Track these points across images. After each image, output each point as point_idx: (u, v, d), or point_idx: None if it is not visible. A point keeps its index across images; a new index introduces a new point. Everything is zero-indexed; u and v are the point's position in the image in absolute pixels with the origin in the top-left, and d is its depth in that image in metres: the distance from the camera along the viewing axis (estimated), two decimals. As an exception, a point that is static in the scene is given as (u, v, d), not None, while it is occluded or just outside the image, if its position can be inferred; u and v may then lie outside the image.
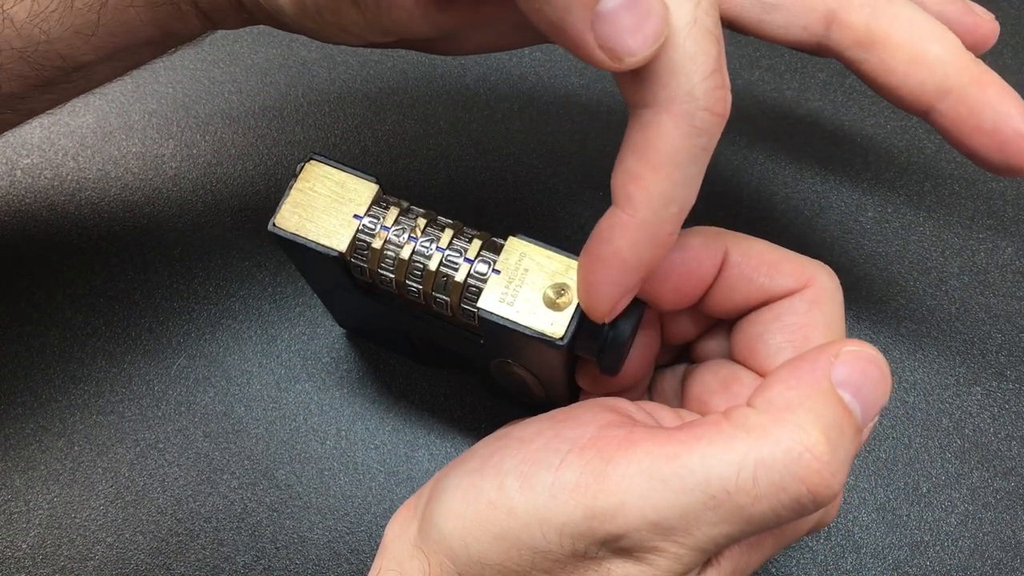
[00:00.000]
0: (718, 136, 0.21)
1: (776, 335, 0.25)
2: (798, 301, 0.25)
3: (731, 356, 0.27)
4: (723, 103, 0.20)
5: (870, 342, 0.23)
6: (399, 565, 0.24)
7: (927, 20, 0.26)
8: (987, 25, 0.28)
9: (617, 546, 0.21)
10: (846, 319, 0.26)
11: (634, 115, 0.21)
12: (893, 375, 0.33)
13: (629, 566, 0.21)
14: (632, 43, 0.19)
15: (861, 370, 0.22)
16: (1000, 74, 0.26)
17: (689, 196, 0.21)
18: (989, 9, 0.28)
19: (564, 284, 0.24)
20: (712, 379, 0.26)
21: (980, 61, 0.26)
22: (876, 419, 0.22)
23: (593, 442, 0.22)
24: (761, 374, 0.26)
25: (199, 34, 0.27)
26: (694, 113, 0.20)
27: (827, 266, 0.26)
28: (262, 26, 0.28)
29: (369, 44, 0.26)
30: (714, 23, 0.20)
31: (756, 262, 0.25)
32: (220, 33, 0.29)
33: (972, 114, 0.25)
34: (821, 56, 0.27)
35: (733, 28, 0.27)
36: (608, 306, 0.23)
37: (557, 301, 0.24)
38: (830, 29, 0.26)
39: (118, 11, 0.25)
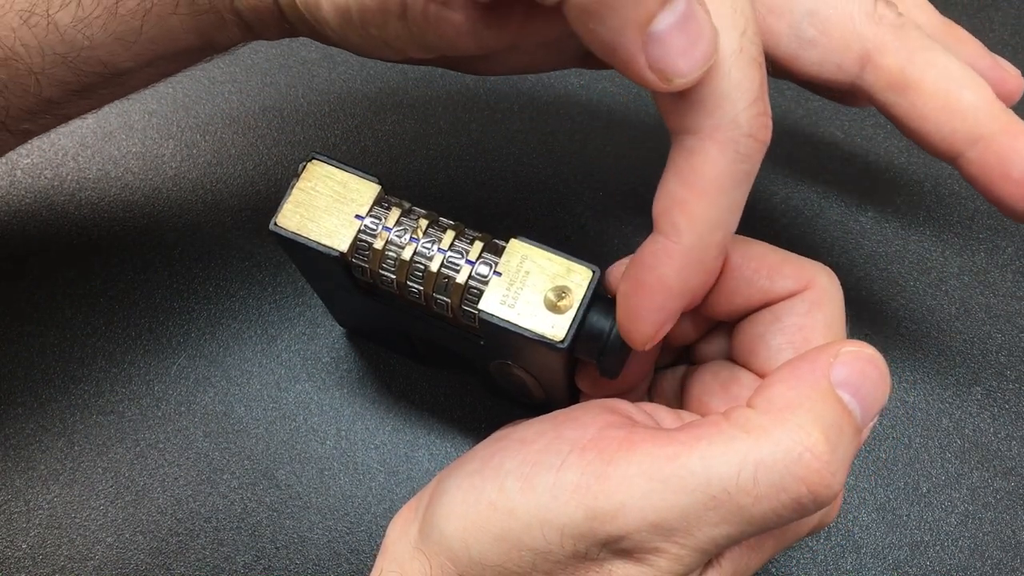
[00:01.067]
0: (760, 161, 0.21)
1: (776, 337, 0.25)
2: (798, 303, 0.25)
3: (731, 358, 0.27)
4: (766, 129, 0.21)
5: (870, 342, 0.23)
6: (400, 566, 0.24)
7: (960, 67, 0.26)
8: (1014, 81, 0.28)
9: (618, 547, 0.21)
10: (846, 319, 0.26)
11: (677, 141, 0.21)
12: (893, 375, 0.33)
13: (630, 567, 0.21)
14: (683, 64, 0.19)
15: (860, 370, 0.22)
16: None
17: (733, 221, 0.22)
18: (989, 8, 0.28)
19: (565, 287, 0.24)
20: (712, 380, 0.26)
21: (1011, 111, 0.26)
22: (876, 419, 0.22)
23: (594, 443, 0.22)
24: (761, 375, 0.26)
25: (237, 43, 0.27)
26: (739, 140, 0.20)
27: (827, 267, 0.26)
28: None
29: (407, 60, 0.25)
30: (758, 51, 0.21)
31: (757, 264, 0.25)
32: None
33: (1000, 162, 0.25)
34: (850, 102, 0.27)
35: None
36: (652, 332, 0.23)
37: (558, 304, 0.24)
38: (864, 70, 0.26)
39: (161, 18, 0.25)
